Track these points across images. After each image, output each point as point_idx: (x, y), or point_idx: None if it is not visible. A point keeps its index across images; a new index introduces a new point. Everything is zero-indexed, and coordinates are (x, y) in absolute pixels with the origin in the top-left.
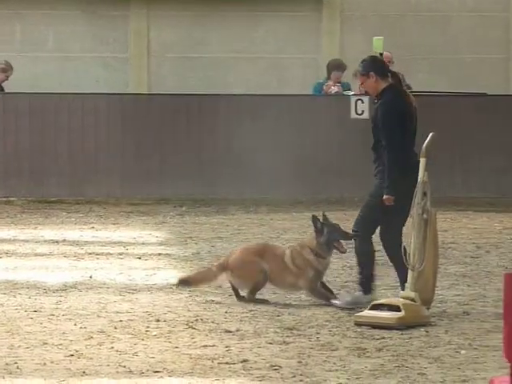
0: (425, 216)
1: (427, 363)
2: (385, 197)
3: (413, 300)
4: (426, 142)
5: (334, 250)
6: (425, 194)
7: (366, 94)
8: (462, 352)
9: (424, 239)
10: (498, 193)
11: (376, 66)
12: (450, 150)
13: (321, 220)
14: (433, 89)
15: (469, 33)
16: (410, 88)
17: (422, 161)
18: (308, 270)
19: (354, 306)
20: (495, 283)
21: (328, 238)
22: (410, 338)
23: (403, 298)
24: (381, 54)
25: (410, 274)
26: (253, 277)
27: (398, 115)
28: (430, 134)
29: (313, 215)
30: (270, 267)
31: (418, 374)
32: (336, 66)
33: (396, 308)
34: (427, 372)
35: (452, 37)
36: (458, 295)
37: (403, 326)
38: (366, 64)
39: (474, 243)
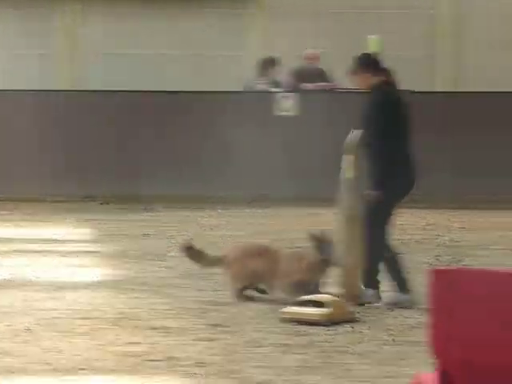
0: (351, 212)
1: (352, 359)
2: (372, 193)
3: (339, 296)
4: (351, 138)
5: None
6: (353, 190)
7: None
8: (386, 348)
9: (351, 236)
10: (421, 190)
11: (367, 63)
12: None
13: (317, 237)
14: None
15: (394, 30)
16: (335, 85)
17: (349, 158)
18: (297, 275)
19: (393, 306)
20: (419, 279)
21: (325, 255)
22: (336, 334)
23: (329, 294)
24: (377, 53)
25: (336, 270)
26: (242, 275)
27: (384, 112)
28: (356, 132)
29: (310, 234)
30: (266, 268)
31: (343, 369)
32: (272, 63)
33: (322, 304)
34: (352, 368)
35: (375, 33)
36: (383, 291)
37: (329, 322)
38: (358, 61)
39: (398, 239)
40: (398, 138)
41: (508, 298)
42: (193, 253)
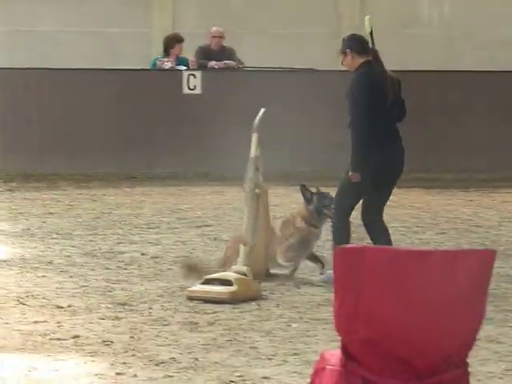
0: (257, 191)
1: (259, 337)
2: (350, 173)
3: (245, 274)
4: (257, 117)
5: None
6: (257, 168)
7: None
8: (294, 325)
9: (256, 214)
10: (325, 166)
11: (353, 43)
12: (280, 125)
13: (309, 189)
14: (262, 64)
15: (297, 8)
16: (241, 63)
17: (254, 136)
18: (293, 237)
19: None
20: (326, 257)
21: (318, 205)
22: (242, 312)
23: (235, 272)
24: (370, 33)
25: (241, 248)
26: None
27: (364, 91)
28: (261, 110)
29: (301, 184)
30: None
31: (250, 347)
32: (176, 40)
33: (228, 282)
34: (259, 345)
35: (281, 12)
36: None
37: (235, 300)
38: (344, 41)
39: None
40: (380, 120)
41: (410, 275)
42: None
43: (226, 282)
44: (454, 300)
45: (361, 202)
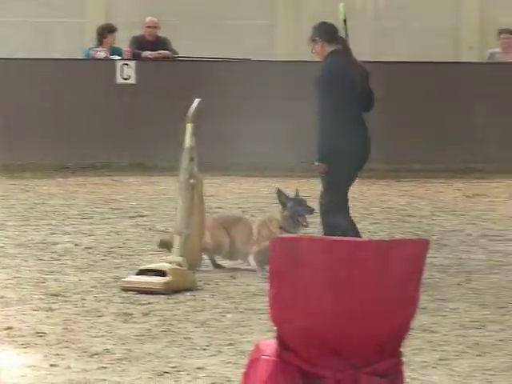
0: (192, 181)
1: (194, 327)
2: (316, 163)
3: (179, 265)
4: (192, 107)
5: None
6: (192, 159)
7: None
8: (228, 316)
9: (191, 204)
10: (266, 158)
11: (322, 31)
12: (217, 116)
13: (285, 194)
14: (198, 54)
15: None
16: (175, 53)
17: (189, 126)
18: (267, 241)
19: None
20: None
21: (293, 212)
22: (177, 302)
23: (170, 262)
24: (344, 21)
25: (176, 238)
26: (208, 244)
27: (331, 79)
28: (196, 100)
29: (278, 189)
30: (235, 239)
31: (185, 338)
32: (109, 30)
33: (162, 273)
34: (193, 336)
35: (216, 2)
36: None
37: (170, 290)
38: (314, 30)
39: (240, 207)
40: (347, 109)
41: (344, 265)
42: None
43: (160, 273)
44: (387, 290)
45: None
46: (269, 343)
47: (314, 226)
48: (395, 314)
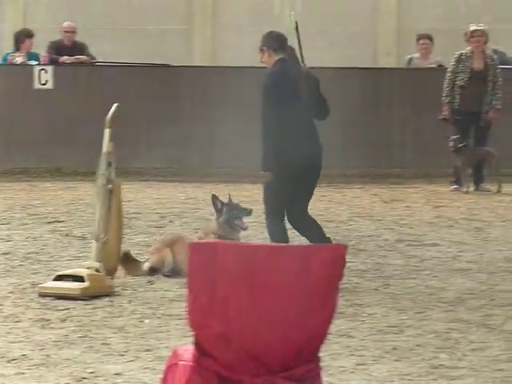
0: (109, 186)
1: (111, 333)
2: (261, 172)
3: (97, 270)
4: (110, 112)
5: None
6: (109, 164)
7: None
8: (146, 321)
9: (108, 209)
10: (181, 163)
11: (269, 40)
12: (134, 120)
13: (220, 200)
14: (117, 60)
15: (152, 3)
16: (93, 58)
17: (107, 131)
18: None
19: None
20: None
21: (228, 216)
22: (94, 308)
23: (87, 268)
24: (296, 29)
25: (94, 244)
26: (152, 262)
27: (274, 88)
28: (114, 105)
29: (213, 195)
30: (178, 257)
31: (102, 343)
32: (26, 35)
33: (80, 278)
34: (111, 342)
35: (136, 7)
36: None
37: (87, 296)
38: (262, 39)
39: (158, 213)
40: (293, 118)
41: (263, 271)
42: (127, 262)
43: (78, 279)
44: (305, 295)
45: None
46: (187, 349)
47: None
48: (313, 319)
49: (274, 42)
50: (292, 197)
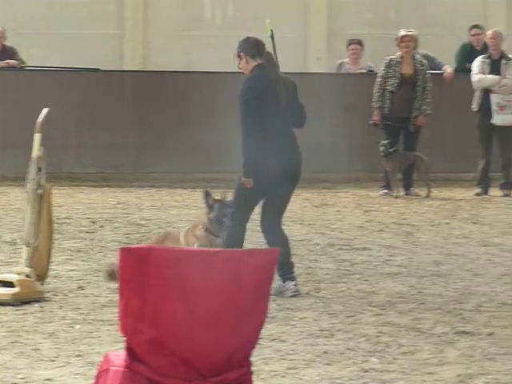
0: (39, 191)
1: (42, 338)
2: (242, 179)
3: (28, 276)
4: (40, 117)
5: None
6: (39, 169)
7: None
8: (77, 327)
9: (38, 214)
10: (112, 168)
11: (246, 46)
12: (63, 125)
13: (212, 196)
14: (49, 64)
15: (84, 8)
16: (23, 62)
17: (37, 136)
18: (194, 245)
19: None
20: (110, 258)
21: (218, 214)
22: (25, 313)
23: (18, 273)
24: (271, 37)
25: (24, 249)
26: None
27: (252, 94)
28: (44, 110)
29: (205, 191)
30: None
31: (33, 349)
32: None
33: (11, 284)
34: (42, 347)
35: (68, 12)
36: (73, 270)
37: (18, 301)
38: (239, 45)
39: (88, 218)
40: (271, 124)
41: (195, 276)
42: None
43: (8, 284)
44: (238, 300)
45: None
46: (118, 354)
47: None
48: (245, 323)
49: (251, 48)
50: (266, 201)
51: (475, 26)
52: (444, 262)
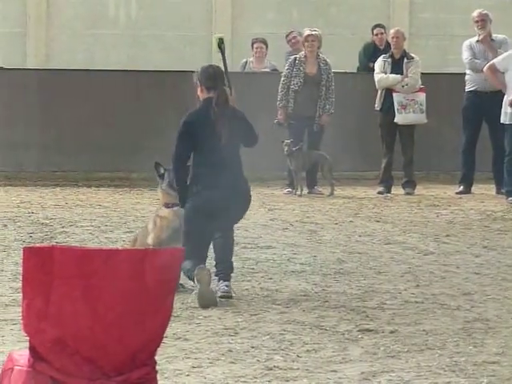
0: None
1: None
2: (181, 210)
3: None
4: None
5: None
6: None
7: None
8: None
9: None
10: (15, 167)
11: (202, 76)
12: None
13: (162, 165)
14: None
15: None
16: None
17: None
18: (158, 224)
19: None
20: (13, 257)
21: (170, 180)
22: None
23: None
24: (221, 52)
25: None
26: None
27: (186, 128)
28: None
29: (156, 162)
30: (138, 242)
31: None
32: None
33: None
34: None
35: None
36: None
37: None
38: (197, 72)
39: None
40: (208, 158)
41: (98, 275)
42: None
43: None
44: (141, 298)
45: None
46: (22, 353)
47: None
48: (149, 322)
49: (207, 80)
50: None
51: (378, 26)
52: (347, 260)
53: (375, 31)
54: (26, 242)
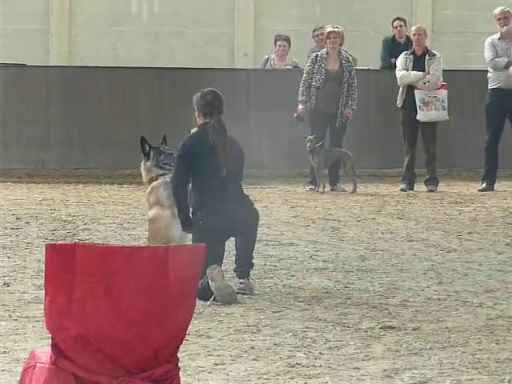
0: None
1: None
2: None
3: None
4: None
5: None
6: None
7: None
8: (2, 323)
9: None
10: (37, 164)
11: (200, 103)
12: None
13: (148, 143)
14: None
15: (8, 3)
16: None
17: None
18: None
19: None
20: (35, 254)
21: (156, 159)
22: None
23: None
24: None
25: None
26: None
27: (183, 154)
28: None
29: (142, 137)
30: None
31: None
32: None
33: None
34: None
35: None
36: None
37: None
38: (196, 98)
39: (13, 214)
40: (209, 184)
41: (120, 272)
42: None
43: None
44: (163, 296)
45: None
46: (44, 350)
47: None
48: (171, 319)
49: (204, 107)
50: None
51: (397, 19)
52: (370, 257)
53: (395, 24)
54: (49, 239)
